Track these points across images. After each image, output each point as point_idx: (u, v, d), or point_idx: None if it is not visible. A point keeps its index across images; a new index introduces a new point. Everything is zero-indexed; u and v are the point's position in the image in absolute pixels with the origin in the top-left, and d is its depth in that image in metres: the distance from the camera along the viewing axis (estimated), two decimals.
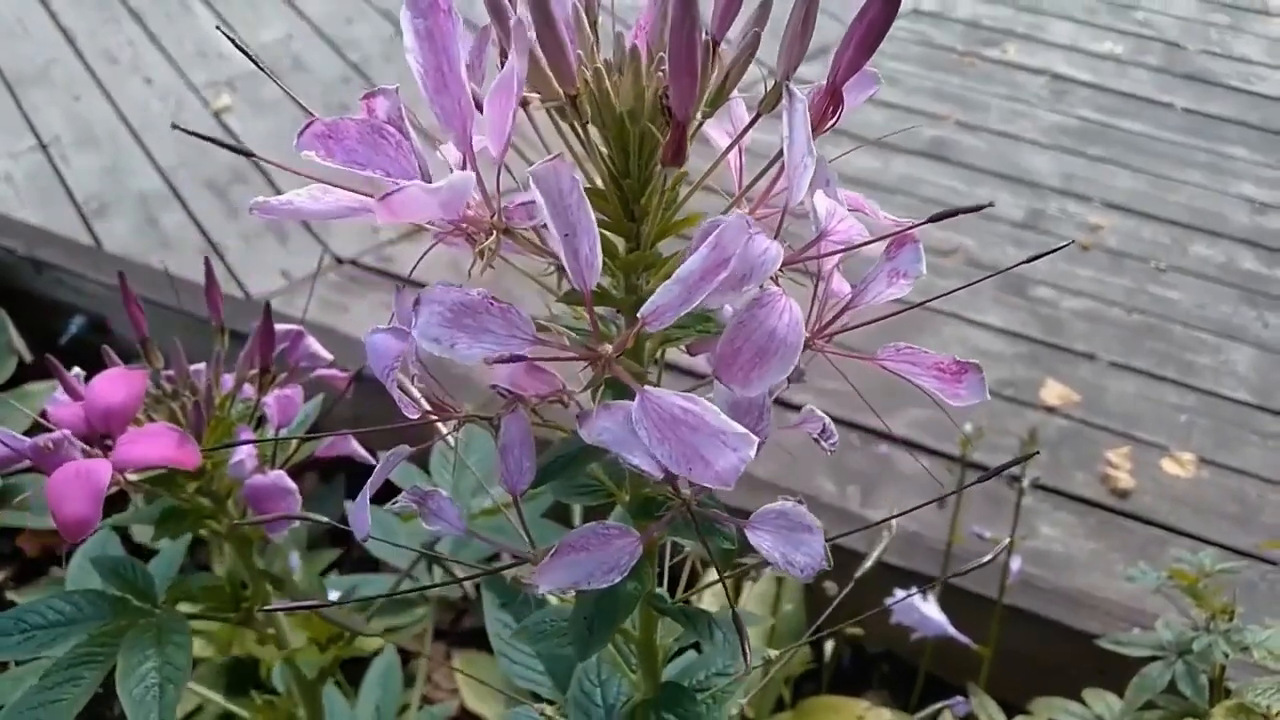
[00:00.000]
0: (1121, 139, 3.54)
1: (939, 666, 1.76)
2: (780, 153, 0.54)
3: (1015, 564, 1.46)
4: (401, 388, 0.58)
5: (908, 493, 2.23)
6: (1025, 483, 1.35)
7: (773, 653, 0.75)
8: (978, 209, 0.54)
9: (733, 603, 0.60)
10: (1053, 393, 2.53)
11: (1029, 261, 0.59)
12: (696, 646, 0.75)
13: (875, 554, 0.82)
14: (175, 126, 0.56)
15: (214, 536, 0.96)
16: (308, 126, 0.52)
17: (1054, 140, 3.51)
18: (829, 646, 1.68)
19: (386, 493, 1.19)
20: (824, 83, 0.57)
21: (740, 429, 0.47)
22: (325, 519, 0.68)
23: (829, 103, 0.57)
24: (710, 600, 1.45)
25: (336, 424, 1.05)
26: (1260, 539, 2.17)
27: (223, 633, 1.54)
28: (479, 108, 0.53)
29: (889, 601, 1.38)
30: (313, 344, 1.00)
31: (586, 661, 0.77)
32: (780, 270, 0.51)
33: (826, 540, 0.56)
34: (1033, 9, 4.31)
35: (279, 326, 0.96)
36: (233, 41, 0.60)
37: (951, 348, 2.62)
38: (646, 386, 0.49)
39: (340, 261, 2.79)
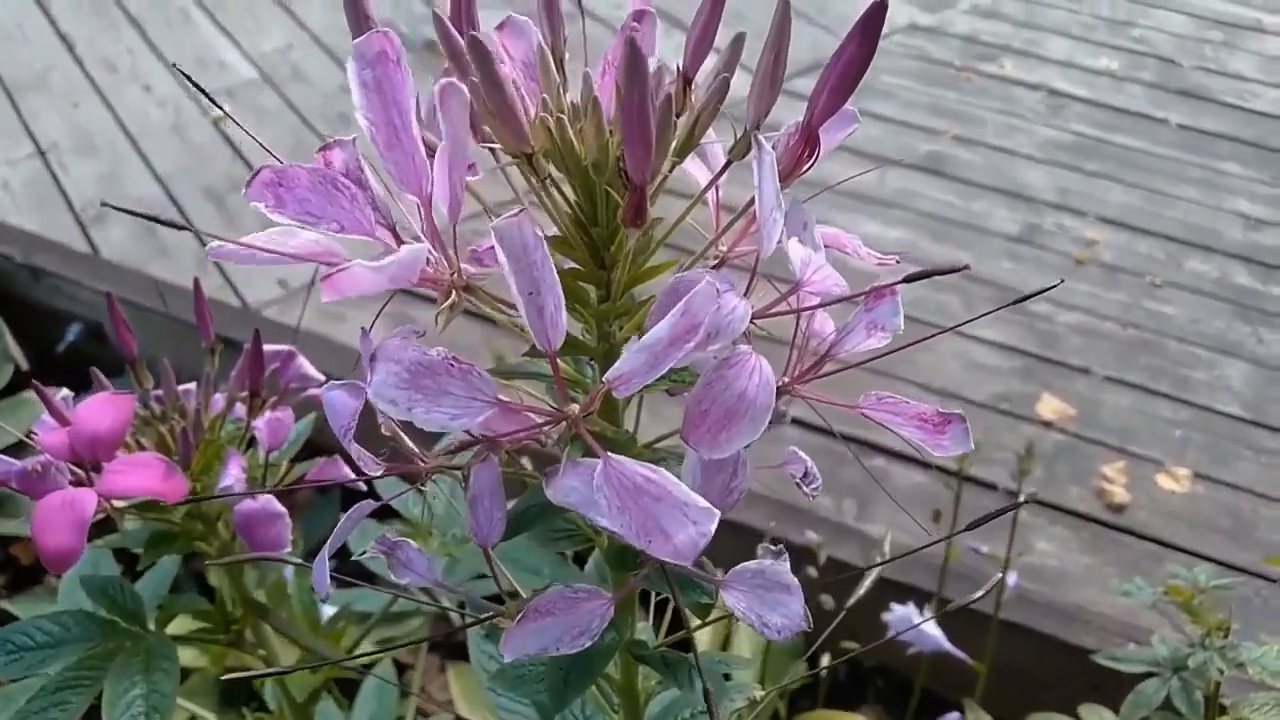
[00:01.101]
0: (1117, 154, 3.56)
1: (935, 681, 1.76)
2: (753, 199, 0.52)
3: (1011, 579, 1.47)
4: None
5: (906, 506, 2.23)
6: (1022, 498, 1.35)
7: (759, 692, 0.73)
8: (954, 270, 0.53)
9: (696, 656, 0.57)
10: (1048, 407, 2.54)
11: (1030, 297, 0.57)
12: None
13: (867, 582, 0.82)
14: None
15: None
16: (257, 174, 0.49)
17: (1050, 155, 3.53)
18: (824, 661, 1.68)
19: (387, 506, 1.19)
20: (798, 124, 0.55)
21: (703, 503, 0.45)
22: (299, 561, 0.67)
23: (804, 146, 0.55)
24: (705, 636, 1.43)
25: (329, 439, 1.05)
26: (1255, 554, 2.18)
27: (218, 651, 1.54)
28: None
29: (886, 616, 1.38)
30: (304, 365, 0.99)
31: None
32: (752, 323, 0.50)
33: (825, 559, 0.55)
34: (1029, 25, 4.33)
35: (270, 347, 0.95)
36: (189, 79, 0.58)
37: (948, 362, 2.64)
38: (610, 454, 0.47)
39: None
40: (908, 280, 0.52)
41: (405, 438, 0.58)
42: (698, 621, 0.60)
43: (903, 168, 3.38)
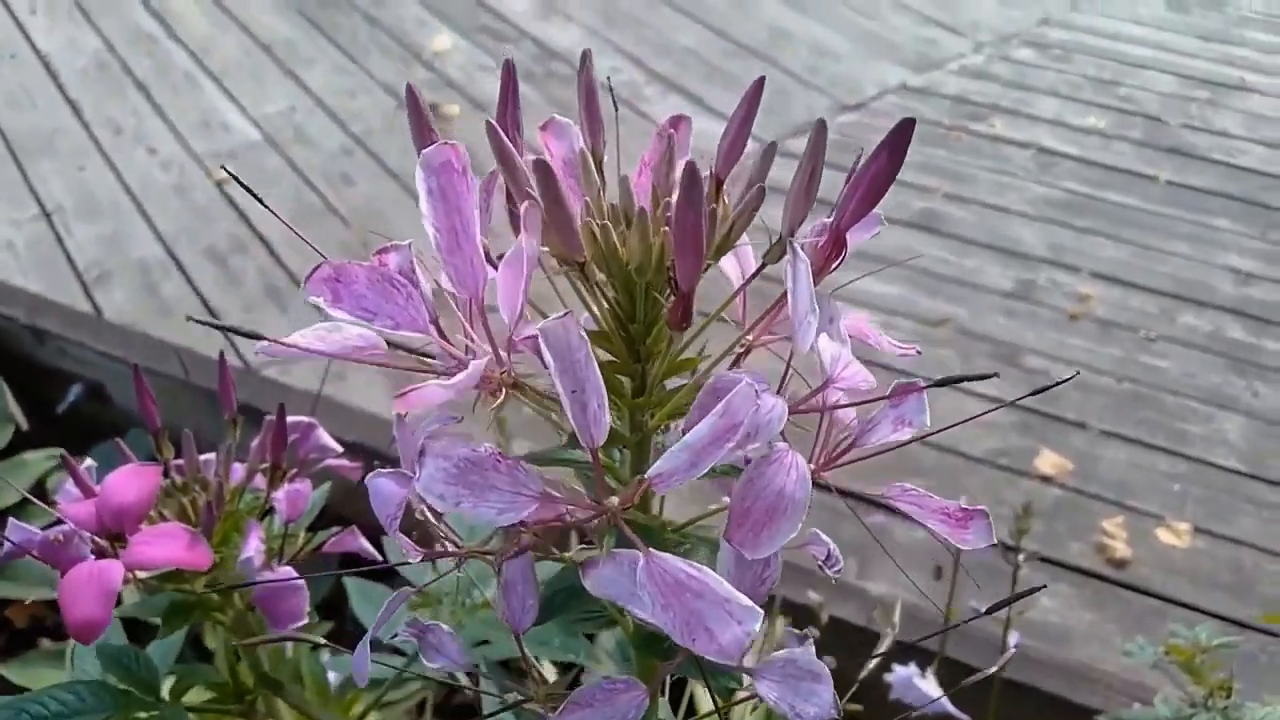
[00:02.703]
0: (1107, 210, 3.61)
1: None
2: (783, 295, 0.55)
3: (1014, 638, 1.46)
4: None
5: (905, 564, 2.22)
6: (1022, 557, 1.35)
7: None
8: (984, 378, 0.56)
9: None
10: (1047, 461, 2.54)
11: (1037, 392, 0.59)
12: None
13: (873, 660, 0.81)
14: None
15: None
16: (316, 270, 0.51)
17: (1041, 212, 3.58)
18: None
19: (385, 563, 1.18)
20: (825, 224, 0.58)
21: (746, 602, 0.46)
22: (325, 642, 0.68)
23: (832, 248, 0.58)
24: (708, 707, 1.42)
25: (340, 504, 1.05)
26: (1257, 609, 2.16)
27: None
28: (490, 262, 0.54)
29: (888, 677, 1.37)
30: (323, 436, 1.00)
31: None
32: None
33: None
34: (1018, 85, 4.42)
35: (290, 419, 0.96)
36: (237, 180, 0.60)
37: (947, 418, 2.64)
38: (652, 550, 0.48)
39: None
40: (937, 385, 0.55)
41: (440, 523, 0.60)
42: (719, 701, 0.60)
43: (897, 225, 3.43)
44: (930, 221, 3.48)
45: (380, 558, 1.00)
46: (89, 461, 0.91)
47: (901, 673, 1.39)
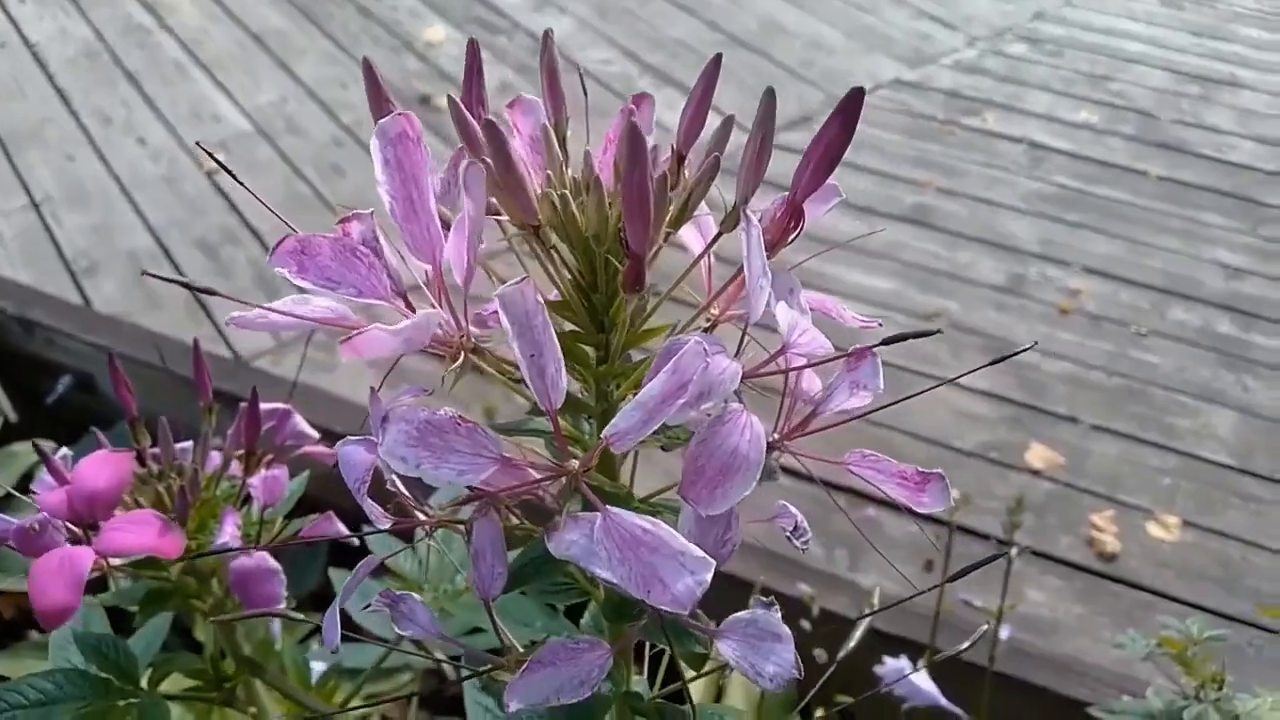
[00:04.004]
0: (1098, 205, 3.62)
1: None
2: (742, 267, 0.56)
3: (1005, 631, 1.46)
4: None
5: (895, 557, 2.23)
6: (1014, 551, 1.36)
7: None
8: (929, 334, 0.57)
9: (693, 706, 0.59)
10: (1037, 455, 2.55)
11: (1014, 354, 0.60)
12: None
13: (857, 634, 0.82)
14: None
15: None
16: (281, 243, 0.52)
17: (1033, 206, 3.59)
18: (818, 715, 1.66)
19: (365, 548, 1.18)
20: (784, 197, 0.59)
21: (699, 553, 0.48)
22: (302, 617, 0.68)
23: (790, 218, 0.59)
24: (699, 690, 1.43)
25: (322, 493, 1.05)
26: (1246, 603, 2.18)
27: (199, 705, 1.52)
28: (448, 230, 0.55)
29: (879, 669, 1.38)
30: (300, 423, 1.00)
31: None
32: (743, 383, 0.53)
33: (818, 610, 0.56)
34: (1011, 80, 4.43)
35: (266, 405, 0.96)
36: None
37: (937, 411, 2.65)
38: (609, 506, 0.49)
39: None
40: (885, 343, 0.56)
41: (409, 493, 0.60)
42: (692, 673, 0.61)
43: (889, 219, 3.43)
44: (923, 216, 3.48)
45: (357, 542, 1.00)
46: (65, 450, 0.90)
47: (893, 664, 1.40)
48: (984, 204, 3.58)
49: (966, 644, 0.72)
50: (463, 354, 0.54)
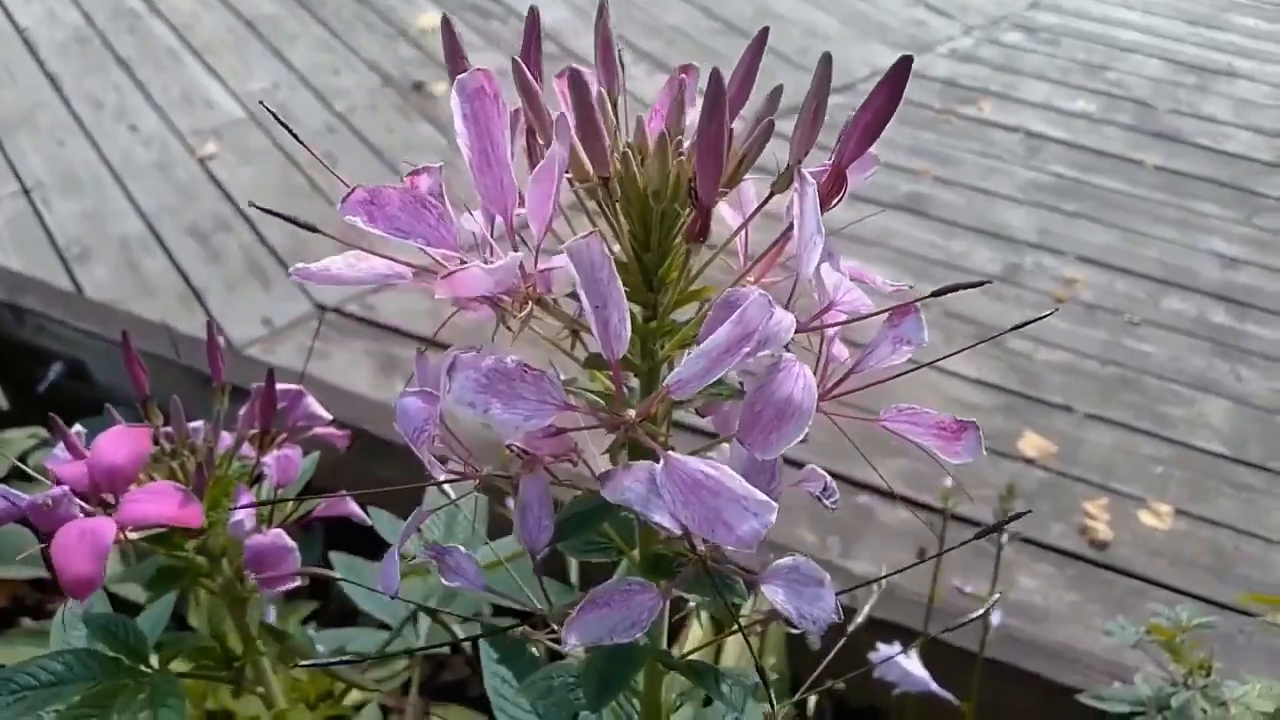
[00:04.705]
0: (1095, 195, 3.62)
1: None
2: (789, 226, 0.58)
3: (996, 617, 1.47)
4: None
5: (888, 544, 2.23)
6: (1005, 538, 1.36)
7: (767, 707, 0.75)
8: (980, 284, 0.60)
9: (755, 655, 0.62)
10: (1030, 444, 2.56)
11: (1014, 329, 0.61)
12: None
13: (861, 615, 0.83)
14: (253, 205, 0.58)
15: (195, 592, 0.96)
16: (351, 193, 0.53)
17: (1029, 195, 3.59)
18: (812, 702, 1.67)
19: (370, 545, 1.18)
20: (828, 163, 0.61)
21: (761, 496, 0.49)
22: (325, 572, 0.69)
23: (833, 184, 0.61)
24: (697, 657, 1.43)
25: (322, 479, 1.05)
26: (1236, 590, 2.18)
27: (196, 686, 1.52)
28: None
29: (871, 656, 1.38)
30: (312, 404, 1.01)
31: (588, 717, 0.79)
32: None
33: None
34: (1007, 68, 4.42)
35: (279, 386, 0.97)
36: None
37: (930, 398, 2.65)
38: (670, 452, 0.51)
39: (323, 309, 2.79)
40: (936, 294, 0.59)
41: (462, 447, 0.62)
42: (730, 609, 0.61)
43: (885, 207, 3.42)
44: (918, 204, 3.47)
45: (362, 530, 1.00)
46: (78, 427, 0.91)
47: (885, 651, 1.40)
48: (980, 193, 3.58)
49: (960, 622, 0.72)
50: (529, 303, 0.56)
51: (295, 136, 0.62)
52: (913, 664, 1.35)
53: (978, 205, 3.51)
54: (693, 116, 0.61)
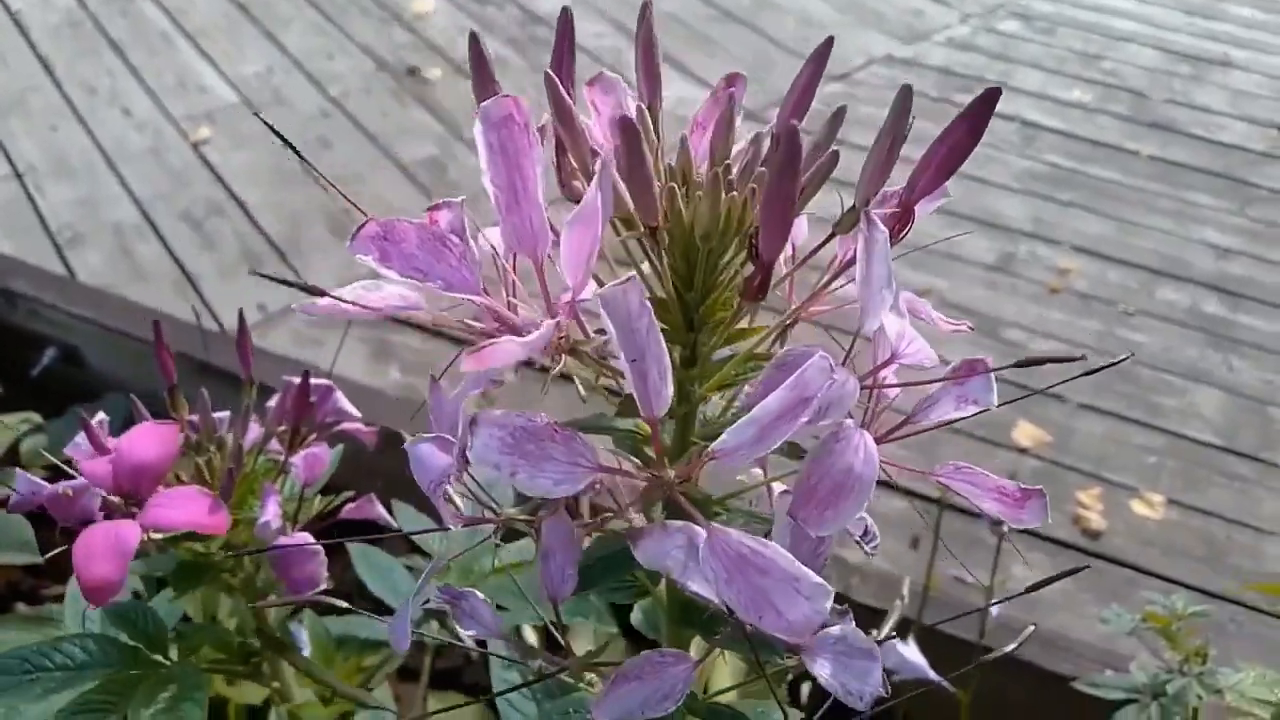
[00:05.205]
0: (1089, 184, 3.62)
1: (916, 710, 1.75)
2: (847, 264, 0.54)
3: (995, 608, 1.47)
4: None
5: (883, 533, 2.23)
6: (1006, 528, 1.36)
7: None
8: (1072, 359, 0.56)
9: (782, 706, 0.58)
10: (1025, 433, 2.56)
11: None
12: None
13: (886, 627, 0.80)
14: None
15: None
16: (362, 227, 0.49)
17: (1024, 185, 3.59)
18: (805, 690, 1.67)
19: (373, 526, 1.18)
20: (897, 198, 0.57)
21: (815, 578, 0.46)
22: (345, 604, 0.67)
23: (900, 221, 0.57)
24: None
25: (344, 474, 1.04)
26: (1228, 580, 2.20)
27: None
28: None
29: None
30: (341, 400, 0.99)
31: None
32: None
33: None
34: (1003, 57, 4.41)
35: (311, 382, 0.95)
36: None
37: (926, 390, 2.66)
38: (714, 524, 0.47)
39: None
40: (1018, 365, 0.55)
41: (480, 490, 0.59)
42: (769, 677, 0.58)
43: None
44: None
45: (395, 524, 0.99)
46: (101, 415, 0.90)
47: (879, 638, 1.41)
48: (975, 182, 3.58)
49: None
50: (561, 354, 0.52)
51: (285, 141, 0.57)
52: (910, 651, 1.36)
53: (973, 194, 3.51)
54: (740, 130, 0.57)
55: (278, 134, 0.58)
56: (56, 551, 0.84)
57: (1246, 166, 3.79)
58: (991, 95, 0.53)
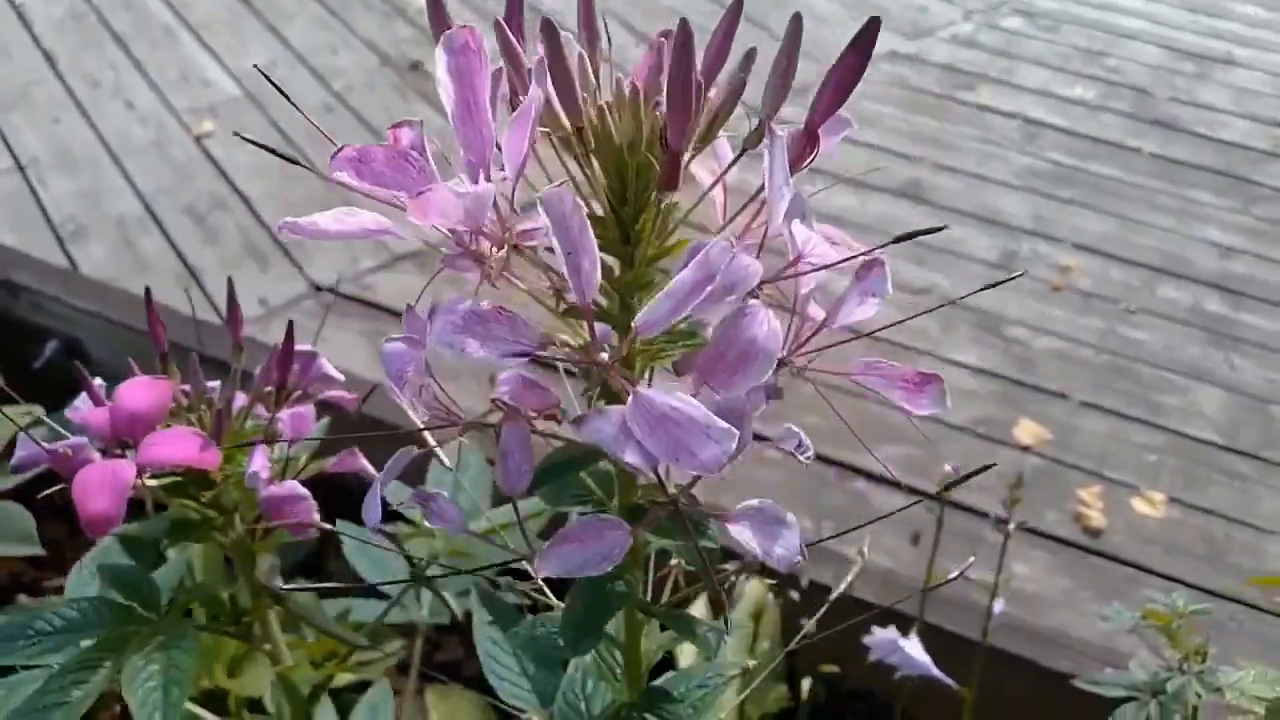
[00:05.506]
0: (1091, 182, 3.62)
1: (916, 707, 1.76)
2: (760, 189, 0.60)
3: (999, 606, 1.48)
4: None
5: (883, 529, 2.24)
6: (1011, 526, 1.37)
7: (751, 662, 0.78)
8: (934, 230, 0.61)
9: (722, 600, 0.64)
10: (1026, 431, 2.57)
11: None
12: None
13: (840, 588, 0.86)
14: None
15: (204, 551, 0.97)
16: (340, 151, 0.57)
17: (1026, 182, 3.59)
18: (806, 686, 1.68)
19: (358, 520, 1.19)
20: (801, 124, 0.63)
21: (723, 424, 0.51)
22: (339, 530, 0.71)
23: (806, 142, 0.62)
24: (690, 651, 1.45)
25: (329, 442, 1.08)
26: (1229, 578, 2.20)
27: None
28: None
29: (867, 640, 1.39)
30: (325, 365, 1.02)
31: (573, 676, 0.82)
32: (759, 289, 0.57)
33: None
34: (1006, 54, 4.41)
35: (295, 347, 0.98)
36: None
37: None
38: (638, 389, 0.53)
39: (319, 289, 2.78)
40: (896, 240, 0.61)
41: (445, 395, 0.65)
42: (701, 550, 0.64)
43: (882, 193, 3.42)
44: (916, 190, 3.47)
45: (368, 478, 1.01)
46: (100, 380, 0.94)
47: (881, 635, 1.41)
48: (977, 179, 3.58)
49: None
50: (505, 248, 0.58)
51: (297, 108, 0.65)
52: (914, 648, 1.36)
53: (975, 191, 3.51)
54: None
55: (284, 95, 0.66)
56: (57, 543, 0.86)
57: (1249, 165, 3.78)
58: (874, 22, 0.60)
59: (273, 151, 0.64)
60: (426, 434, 0.68)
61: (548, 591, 0.74)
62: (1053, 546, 2.27)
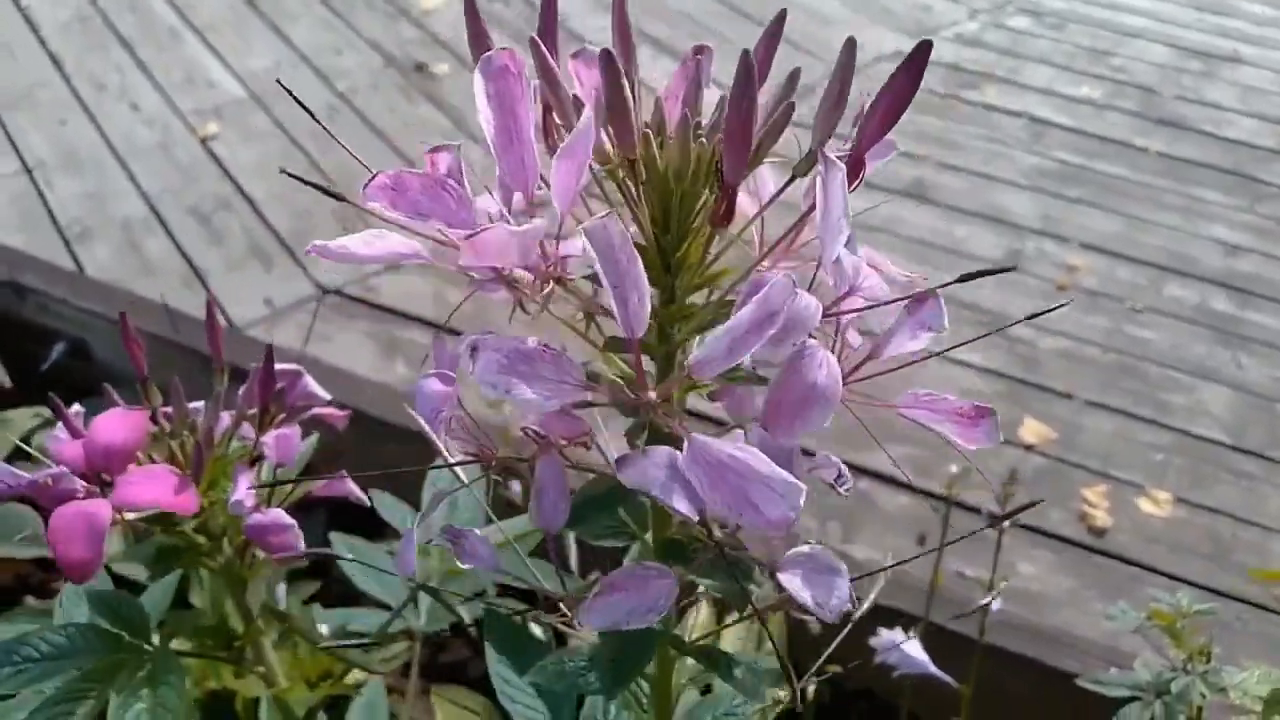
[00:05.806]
0: (1098, 181, 3.61)
1: (919, 705, 1.76)
2: (807, 211, 0.57)
3: (996, 604, 1.47)
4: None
5: (888, 530, 2.24)
6: (1007, 523, 1.36)
7: (783, 694, 0.76)
8: (1004, 270, 0.61)
9: (774, 641, 0.61)
10: (1031, 430, 2.56)
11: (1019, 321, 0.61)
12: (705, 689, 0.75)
13: (866, 603, 0.84)
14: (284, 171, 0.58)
15: (198, 572, 0.96)
16: (373, 178, 0.54)
17: (1032, 181, 3.58)
18: (811, 689, 1.67)
19: (369, 527, 1.18)
20: (848, 149, 0.60)
21: (789, 477, 0.49)
22: (330, 552, 0.69)
23: (852, 169, 0.60)
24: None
25: (322, 459, 1.06)
26: (1234, 578, 2.19)
27: (198, 666, 1.53)
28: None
29: (872, 641, 1.38)
30: (311, 383, 1.01)
31: (594, 701, 0.80)
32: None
33: None
34: (1011, 53, 4.40)
35: (278, 366, 0.97)
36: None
37: (932, 386, 2.65)
38: (694, 433, 0.50)
39: (325, 292, 2.79)
40: (961, 280, 0.58)
41: (480, 430, 0.63)
42: (743, 596, 0.62)
43: (888, 193, 3.42)
44: (922, 190, 3.47)
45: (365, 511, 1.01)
46: (77, 406, 0.91)
47: (887, 636, 1.41)
48: (983, 178, 3.57)
49: (968, 611, 0.72)
50: (549, 281, 0.57)
51: (309, 113, 0.62)
52: (913, 647, 1.36)
53: (981, 190, 3.50)
54: (709, 98, 0.61)
55: (293, 96, 0.63)
56: None
57: (1256, 163, 3.77)
58: (925, 46, 0.57)
59: (321, 190, 0.61)
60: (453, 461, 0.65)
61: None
62: (1057, 546, 2.27)
